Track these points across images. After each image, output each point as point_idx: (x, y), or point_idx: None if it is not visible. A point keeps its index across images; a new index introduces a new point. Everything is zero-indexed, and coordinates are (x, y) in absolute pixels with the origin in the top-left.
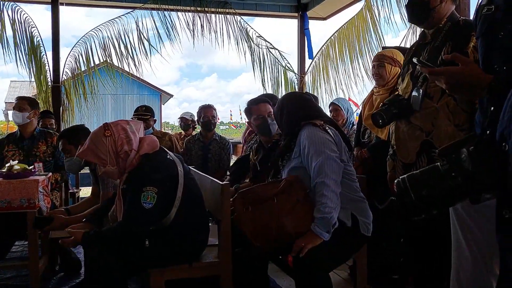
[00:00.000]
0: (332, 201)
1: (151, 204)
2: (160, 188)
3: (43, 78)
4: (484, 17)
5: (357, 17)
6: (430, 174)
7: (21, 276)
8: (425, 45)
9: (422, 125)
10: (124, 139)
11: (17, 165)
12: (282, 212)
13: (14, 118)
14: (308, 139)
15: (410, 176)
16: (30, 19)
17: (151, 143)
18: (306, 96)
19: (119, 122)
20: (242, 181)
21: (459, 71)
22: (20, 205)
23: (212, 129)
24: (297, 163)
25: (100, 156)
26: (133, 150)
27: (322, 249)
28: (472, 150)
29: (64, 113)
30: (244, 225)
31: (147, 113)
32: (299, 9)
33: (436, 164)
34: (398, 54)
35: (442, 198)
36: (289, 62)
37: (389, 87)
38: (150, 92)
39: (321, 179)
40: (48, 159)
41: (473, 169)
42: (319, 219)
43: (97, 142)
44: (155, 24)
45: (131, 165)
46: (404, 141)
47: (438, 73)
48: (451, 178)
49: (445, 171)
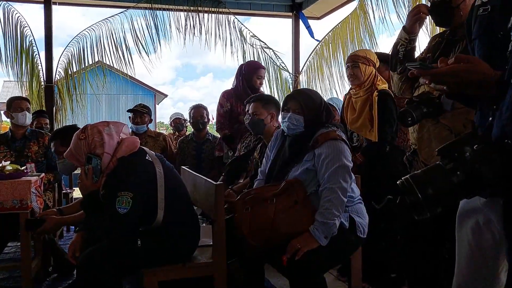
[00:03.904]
0: (337, 208)
1: (126, 209)
2: (136, 192)
3: (35, 78)
4: (481, 18)
5: (351, 16)
6: (434, 173)
7: (14, 277)
8: (456, 42)
9: (452, 126)
10: (97, 142)
11: (9, 165)
12: (278, 212)
13: (21, 119)
14: (327, 147)
15: (413, 176)
16: (22, 18)
17: (130, 144)
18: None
19: (98, 124)
20: (236, 181)
21: (466, 69)
22: (12, 206)
23: (201, 128)
24: (310, 166)
25: (78, 159)
26: (106, 153)
27: (318, 250)
28: (477, 149)
29: (57, 113)
30: (243, 226)
31: (144, 109)
32: (294, 9)
33: (438, 163)
34: (372, 54)
35: (447, 195)
36: (283, 62)
37: (367, 87)
38: (145, 92)
39: (332, 185)
40: (40, 160)
41: (478, 167)
42: (321, 223)
43: (75, 145)
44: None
45: (108, 168)
46: (429, 141)
47: (443, 74)
48: (456, 176)
49: (449, 170)
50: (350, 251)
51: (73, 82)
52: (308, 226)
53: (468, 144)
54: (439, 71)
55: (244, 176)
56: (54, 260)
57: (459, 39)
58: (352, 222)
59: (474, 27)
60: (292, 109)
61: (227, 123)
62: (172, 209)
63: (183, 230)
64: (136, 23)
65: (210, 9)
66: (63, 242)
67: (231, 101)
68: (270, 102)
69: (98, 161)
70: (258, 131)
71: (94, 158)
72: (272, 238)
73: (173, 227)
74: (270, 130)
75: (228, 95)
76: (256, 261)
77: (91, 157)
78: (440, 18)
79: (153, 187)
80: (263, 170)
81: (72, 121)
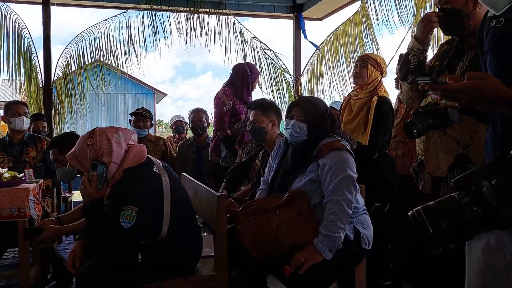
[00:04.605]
0: (342, 221)
1: (130, 223)
2: (141, 206)
3: (34, 80)
4: (494, 30)
5: (352, 18)
6: (448, 206)
7: (11, 285)
8: (465, 51)
9: (459, 137)
10: (105, 150)
11: (7, 173)
12: (281, 224)
13: (18, 124)
14: (331, 158)
15: (425, 208)
16: (20, 20)
17: (137, 153)
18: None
19: (107, 130)
20: (238, 188)
21: (478, 86)
22: (10, 214)
23: (200, 133)
24: (313, 177)
25: (82, 163)
26: (113, 163)
27: (322, 264)
28: (495, 184)
29: (56, 115)
30: (246, 237)
31: (147, 113)
32: (295, 10)
33: (453, 195)
34: (382, 60)
35: (461, 231)
36: (284, 64)
37: (369, 90)
38: (144, 91)
39: (336, 197)
40: (39, 165)
41: (497, 205)
42: (325, 236)
43: (81, 148)
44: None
45: (114, 178)
46: (436, 153)
47: (455, 90)
48: (471, 211)
49: (465, 204)
50: (354, 263)
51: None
52: (312, 238)
53: (486, 177)
54: (450, 87)
55: (246, 183)
56: (53, 267)
57: (468, 48)
58: (357, 234)
59: (486, 39)
60: (296, 116)
61: (228, 123)
62: (176, 222)
63: (186, 242)
64: (136, 23)
65: (210, 10)
66: (62, 247)
67: (232, 99)
68: (270, 109)
69: (104, 169)
70: (259, 139)
71: (100, 166)
72: (275, 250)
73: (176, 239)
74: (272, 137)
75: (229, 93)
76: (259, 272)
77: (97, 164)
78: (449, 26)
79: (159, 201)
80: (266, 179)
81: (71, 123)
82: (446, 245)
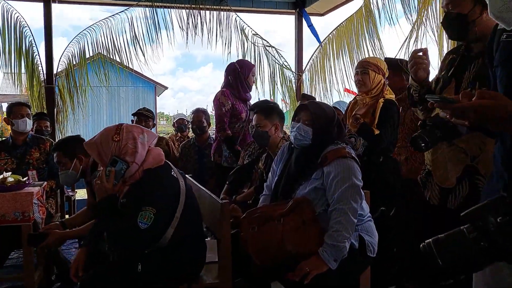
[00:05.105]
0: (347, 231)
1: (147, 224)
2: (159, 208)
3: (36, 79)
4: (504, 44)
5: (356, 15)
6: (456, 239)
7: (16, 287)
8: (472, 59)
9: (468, 148)
10: (130, 149)
11: (10, 176)
12: (285, 232)
13: (21, 126)
14: (336, 165)
15: (435, 241)
16: (21, 18)
17: (156, 156)
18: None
19: (133, 129)
20: (240, 190)
21: (488, 105)
22: (14, 218)
23: (200, 133)
24: (318, 184)
25: (102, 156)
26: (135, 163)
27: (327, 274)
28: (501, 222)
29: (59, 114)
30: (250, 245)
31: (149, 113)
32: (297, 6)
33: (462, 229)
34: (382, 63)
35: (470, 264)
36: (286, 60)
37: (374, 95)
38: (145, 84)
39: (342, 206)
40: (42, 166)
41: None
42: (330, 246)
43: (104, 141)
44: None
45: (133, 177)
46: (444, 164)
47: (465, 109)
48: (479, 246)
49: (472, 239)
50: (359, 271)
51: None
52: (317, 247)
53: (493, 213)
54: (460, 106)
55: (248, 185)
56: (57, 269)
57: (475, 56)
58: (362, 242)
59: (496, 52)
60: (303, 120)
61: (228, 123)
62: (182, 229)
63: (191, 249)
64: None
65: (211, 6)
66: (65, 247)
67: (231, 99)
68: (273, 113)
69: (123, 167)
70: (263, 143)
71: (120, 162)
72: (279, 258)
73: (179, 248)
74: (275, 141)
75: (228, 95)
76: (263, 279)
77: (117, 160)
78: (455, 31)
79: (175, 205)
80: (269, 185)
81: (74, 120)
82: (455, 277)
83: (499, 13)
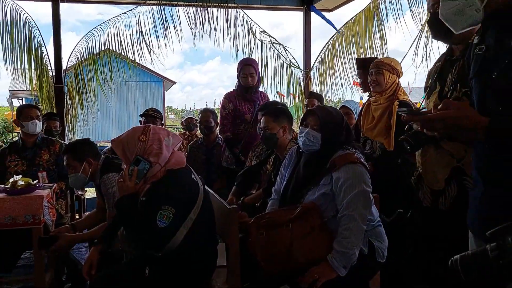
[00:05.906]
0: (356, 237)
1: (165, 223)
2: (178, 209)
3: (45, 79)
4: (477, 57)
5: (364, 11)
6: (480, 257)
7: None
8: (454, 62)
9: (454, 151)
10: (155, 150)
11: (20, 180)
12: (294, 239)
13: (31, 128)
14: (345, 171)
15: (462, 258)
16: (30, 19)
17: (179, 159)
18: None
19: (160, 131)
20: (248, 191)
21: (455, 115)
22: (25, 221)
23: (207, 133)
24: (327, 190)
25: (127, 154)
26: (158, 164)
27: (337, 280)
28: None
29: (68, 114)
30: (258, 252)
31: (156, 113)
32: (305, 2)
33: (486, 247)
34: (397, 63)
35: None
36: (294, 58)
37: (388, 95)
38: (153, 79)
39: (351, 212)
40: (52, 168)
41: None
42: (339, 253)
43: (130, 140)
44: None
45: (154, 177)
46: (432, 167)
47: (435, 119)
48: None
49: (493, 258)
50: (369, 277)
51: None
52: (326, 254)
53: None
54: (427, 118)
55: (256, 186)
56: (68, 269)
57: (456, 59)
58: (371, 247)
59: (471, 65)
60: (311, 125)
61: (229, 125)
62: (195, 232)
63: (200, 256)
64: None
65: (219, 4)
66: (76, 247)
67: (233, 102)
68: (282, 115)
69: (146, 166)
70: (271, 146)
71: (143, 162)
72: (288, 265)
73: (190, 252)
74: (284, 143)
75: (230, 97)
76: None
77: (141, 160)
78: (438, 31)
79: (191, 206)
80: (277, 189)
81: (83, 118)
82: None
83: (447, 16)
